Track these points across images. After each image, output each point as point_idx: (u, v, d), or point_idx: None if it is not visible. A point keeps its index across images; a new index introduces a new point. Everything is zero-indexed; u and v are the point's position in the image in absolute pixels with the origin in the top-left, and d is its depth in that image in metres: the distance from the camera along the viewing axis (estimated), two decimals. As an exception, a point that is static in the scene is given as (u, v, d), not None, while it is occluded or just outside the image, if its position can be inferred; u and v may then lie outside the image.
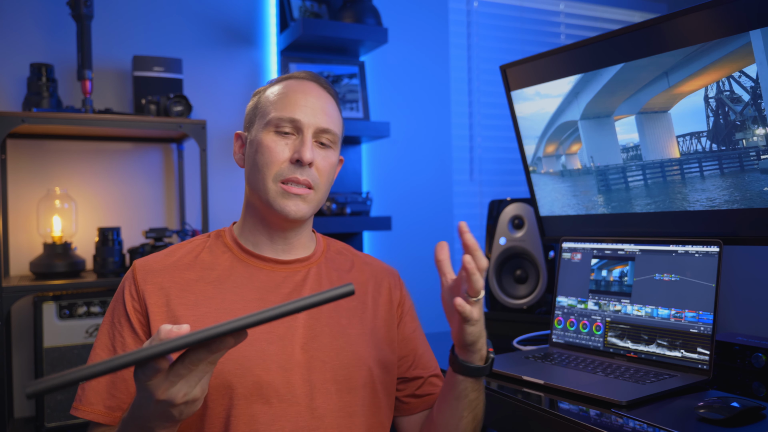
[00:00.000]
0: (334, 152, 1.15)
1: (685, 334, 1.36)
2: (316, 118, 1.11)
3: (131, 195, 2.38)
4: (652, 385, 1.24)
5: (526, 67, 1.75)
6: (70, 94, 2.27)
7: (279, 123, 1.11)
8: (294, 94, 1.13)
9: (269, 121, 1.12)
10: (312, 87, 1.15)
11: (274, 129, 1.11)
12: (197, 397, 0.82)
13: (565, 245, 1.66)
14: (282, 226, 1.14)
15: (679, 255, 1.42)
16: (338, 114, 1.18)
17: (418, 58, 2.91)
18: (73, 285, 1.98)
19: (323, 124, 1.12)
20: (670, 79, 1.47)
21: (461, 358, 1.06)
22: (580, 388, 1.25)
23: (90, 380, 1.06)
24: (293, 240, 1.16)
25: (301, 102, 1.12)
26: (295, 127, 1.11)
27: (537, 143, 1.81)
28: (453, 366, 1.07)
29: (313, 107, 1.12)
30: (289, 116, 1.10)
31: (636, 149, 1.58)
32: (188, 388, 0.80)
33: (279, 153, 1.10)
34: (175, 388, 0.80)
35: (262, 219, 1.15)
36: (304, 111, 1.11)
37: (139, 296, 1.08)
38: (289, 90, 1.14)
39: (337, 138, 1.15)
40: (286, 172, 1.09)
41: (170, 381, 0.79)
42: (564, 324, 1.60)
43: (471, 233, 0.99)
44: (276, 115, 1.11)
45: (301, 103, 1.12)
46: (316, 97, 1.14)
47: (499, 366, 1.44)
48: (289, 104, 1.12)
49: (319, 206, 1.16)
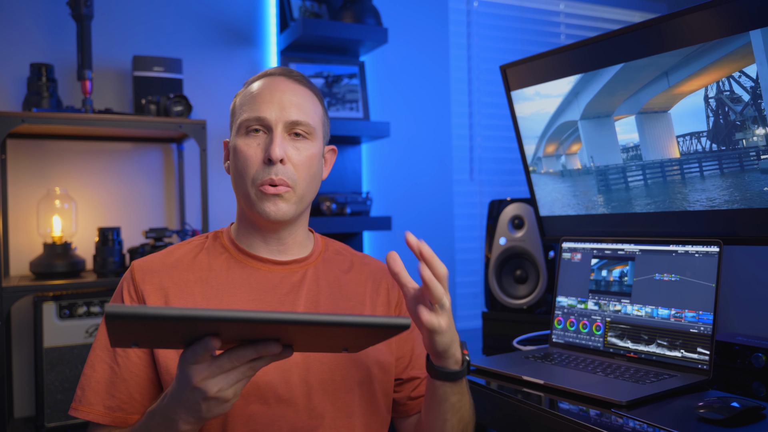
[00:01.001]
0: (312, 143, 1.12)
1: (685, 334, 1.36)
2: (284, 113, 1.09)
3: (131, 195, 2.38)
4: (652, 385, 1.24)
5: (526, 67, 1.75)
6: (70, 94, 2.27)
7: (248, 124, 1.10)
8: (261, 93, 1.11)
9: (240, 125, 1.11)
10: (281, 82, 1.13)
11: (245, 131, 1.10)
12: (229, 397, 0.83)
13: (565, 245, 1.66)
14: (272, 228, 1.13)
15: (679, 255, 1.42)
16: (315, 105, 1.15)
17: (418, 58, 2.91)
18: (73, 285, 1.98)
19: (292, 116, 1.09)
20: (670, 79, 1.47)
21: (436, 364, 1.05)
22: (580, 388, 1.25)
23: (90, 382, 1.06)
24: (287, 240, 1.16)
25: (267, 99, 1.10)
26: (263, 125, 1.09)
27: (537, 143, 1.81)
28: (430, 372, 1.06)
29: (280, 102, 1.10)
30: (255, 115, 1.09)
31: (636, 149, 1.58)
32: (225, 383, 0.82)
33: (252, 156, 1.09)
34: (213, 379, 0.82)
35: (252, 223, 1.14)
36: (270, 107, 1.09)
37: (138, 296, 1.08)
38: (257, 90, 1.12)
39: (312, 129, 1.12)
40: (260, 174, 1.08)
41: (211, 370, 0.81)
42: (564, 324, 1.60)
43: (422, 241, 0.95)
44: (244, 117, 1.10)
45: (268, 100, 1.10)
46: (284, 91, 1.11)
47: (499, 366, 1.44)
48: (257, 103, 1.10)
49: (305, 203, 1.13)
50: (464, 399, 1.10)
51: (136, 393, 1.06)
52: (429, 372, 1.06)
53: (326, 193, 2.55)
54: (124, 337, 0.80)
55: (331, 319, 0.77)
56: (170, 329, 0.76)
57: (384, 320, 0.80)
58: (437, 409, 1.08)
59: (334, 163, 1.25)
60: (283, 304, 1.11)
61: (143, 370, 1.07)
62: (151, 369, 1.07)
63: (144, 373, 1.07)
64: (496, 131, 3.09)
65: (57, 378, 1.95)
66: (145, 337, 0.83)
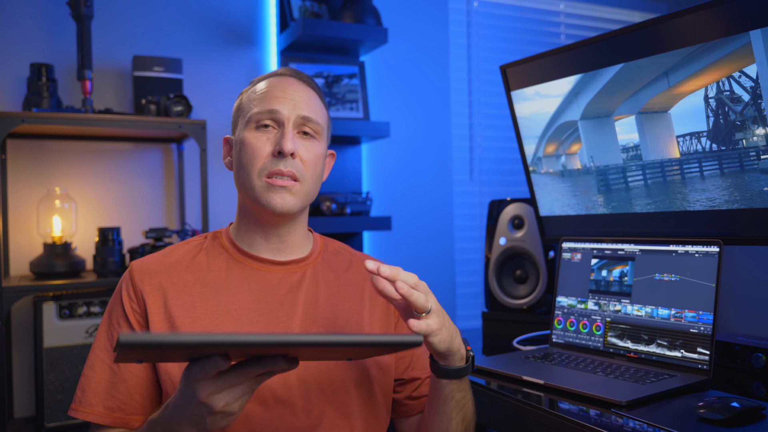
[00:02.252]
0: (319, 143, 1.14)
1: (685, 334, 1.36)
2: (297, 109, 1.10)
3: (131, 195, 2.38)
4: (652, 385, 1.24)
5: (526, 67, 1.75)
6: (70, 94, 2.27)
7: (259, 118, 1.10)
8: (273, 89, 1.12)
9: (250, 118, 1.11)
10: (292, 81, 1.14)
11: (255, 125, 1.11)
12: (234, 411, 0.84)
13: (565, 245, 1.66)
14: (273, 222, 1.13)
15: (679, 255, 1.42)
16: (322, 107, 1.16)
17: (418, 58, 2.91)
18: (73, 285, 1.98)
19: (304, 112, 1.11)
20: (670, 79, 1.47)
21: (441, 363, 1.05)
22: (580, 388, 1.25)
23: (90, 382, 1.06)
24: (288, 238, 1.16)
25: (279, 95, 1.11)
26: (275, 120, 1.10)
27: (537, 143, 1.81)
28: (435, 372, 1.07)
29: (293, 98, 1.11)
30: (268, 109, 1.10)
31: (636, 149, 1.58)
32: (231, 398, 0.82)
33: (261, 148, 1.09)
34: (220, 394, 0.81)
35: (254, 218, 1.14)
36: (282, 102, 1.10)
37: (137, 297, 1.08)
38: (269, 86, 1.13)
39: (321, 128, 1.14)
40: (269, 165, 1.08)
41: (218, 385, 0.81)
42: (564, 324, 1.60)
43: (382, 264, 0.96)
44: (256, 111, 1.11)
45: (280, 96, 1.11)
46: (296, 90, 1.13)
47: (499, 366, 1.44)
48: (268, 99, 1.11)
49: (309, 200, 1.14)
50: (467, 395, 1.11)
51: (136, 394, 1.06)
52: (435, 372, 1.07)
53: (326, 193, 2.55)
54: (130, 357, 0.80)
55: (343, 340, 0.77)
56: (179, 350, 0.77)
57: (396, 338, 0.80)
58: (442, 408, 1.09)
59: (332, 167, 1.26)
60: (282, 304, 1.11)
61: (143, 371, 1.07)
62: (151, 370, 1.08)
63: (144, 374, 1.07)
64: (496, 131, 3.09)
65: (57, 378, 1.95)
66: (151, 356, 0.83)
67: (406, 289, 0.95)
